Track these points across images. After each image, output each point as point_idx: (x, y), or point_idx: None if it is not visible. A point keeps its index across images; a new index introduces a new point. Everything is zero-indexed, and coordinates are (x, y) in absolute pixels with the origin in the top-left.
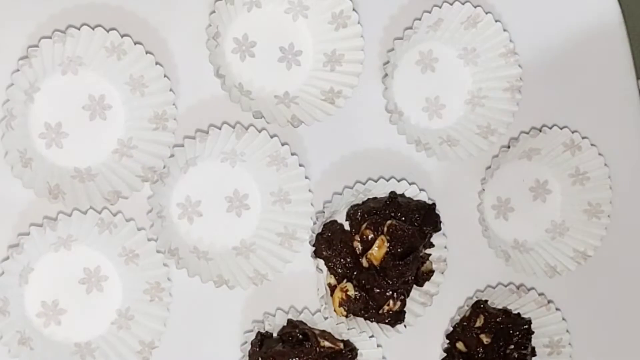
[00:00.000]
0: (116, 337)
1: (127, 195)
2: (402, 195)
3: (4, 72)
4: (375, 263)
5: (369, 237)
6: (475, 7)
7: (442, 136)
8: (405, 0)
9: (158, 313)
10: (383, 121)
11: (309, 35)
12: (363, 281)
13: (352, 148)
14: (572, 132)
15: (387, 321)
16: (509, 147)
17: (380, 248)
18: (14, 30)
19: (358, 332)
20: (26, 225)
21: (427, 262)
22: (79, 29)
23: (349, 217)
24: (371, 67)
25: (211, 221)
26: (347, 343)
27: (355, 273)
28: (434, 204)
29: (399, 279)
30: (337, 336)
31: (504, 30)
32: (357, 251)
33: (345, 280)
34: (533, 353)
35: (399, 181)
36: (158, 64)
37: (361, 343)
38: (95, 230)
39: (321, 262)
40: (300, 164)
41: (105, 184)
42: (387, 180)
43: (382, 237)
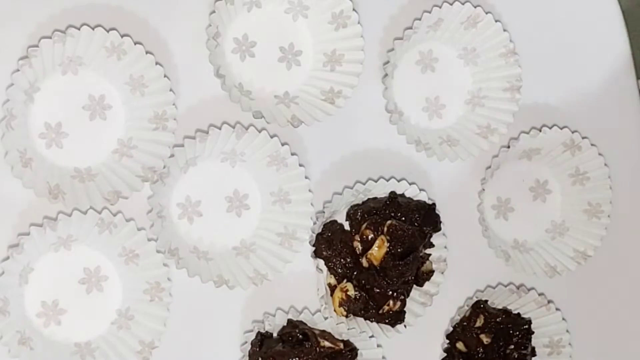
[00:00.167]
0: (116, 337)
1: (127, 195)
2: (402, 195)
3: (4, 72)
4: (375, 263)
5: (369, 237)
6: (475, 7)
7: (442, 136)
8: (405, 0)
9: (158, 313)
10: (383, 121)
11: (309, 35)
12: (363, 281)
13: (352, 148)
14: (572, 132)
15: (387, 321)
16: (509, 147)
17: (380, 248)
18: (14, 30)
19: (358, 332)
20: (26, 225)
21: (427, 262)
22: (79, 29)
23: (349, 217)
24: (371, 67)
25: (211, 221)
26: (347, 343)
27: (355, 273)
28: (434, 204)
29: (399, 279)
30: (337, 336)
31: (504, 30)
32: (357, 251)
33: (345, 280)
34: (533, 353)
35: (399, 181)
36: (158, 64)
37: (361, 343)
38: (95, 230)
39: (321, 262)
40: (300, 164)
41: (105, 184)
42: (387, 180)
43: (382, 237)
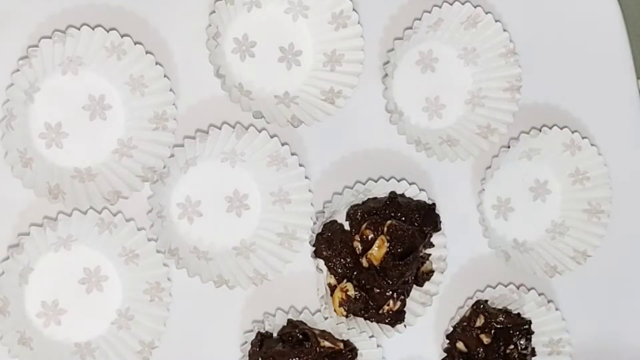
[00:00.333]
0: (116, 337)
1: (127, 195)
2: (402, 195)
3: (4, 72)
4: (375, 263)
5: (369, 237)
6: (475, 7)
7: (442, 136)
8: (405, 0)
9: (158, 313)
10: (383, 121)
11: (309, 35)
12: (363, 281)
13: (352, 148)
14: (572, 132)
15: (387, 321)
16: (509, 147)
17: (380, 248)
18: (14, 30)
19: (358, 332)
20: (26, 225)
21: (427, 262)
22: (79, 29)
23: (349, 217)
24: (371, 67)
25: (211, 221)
26: (347, 343)
27: (355, 273)
28: (434, 204)
29: (399, 279)
30: (337, 336)
31: (504, 30)
32: (357, 251)
33: (345, 280)
34: (533, 353)
35: (399, 181)
36: (158, 64)
37: (361, 343)
38: (95, 230)
39: (321, 262)
40: (300, 164)
41: (105, 184)
42: (387, 180)
43: (382, 237)
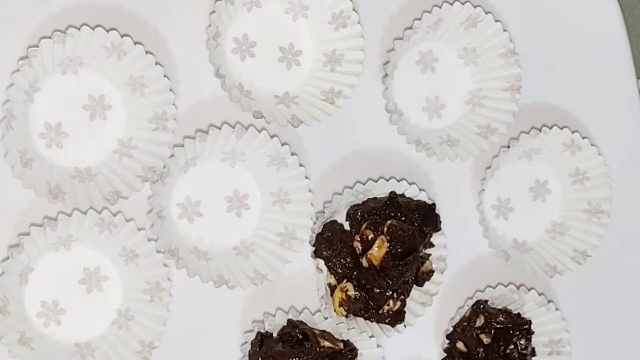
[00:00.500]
0: (116, 337)
1: (127, 195)
2: (402, 195)
3: (4, 72)
4: (375, 263)
5: (369, 237)
6: (475, 7)
7: (442, 136)
8: (405, 0)
9: (158, 313)
10: (383, 121)
11: (309, 35)
12: (363, 281)
13: (352, 148)
14: (572, 132)
15: (387, 321)
16: (509, 147)
17: (380, 248)
18: (14, 30)
19: (358, 332)
20: (26, 225)
21: (427, 262)
22: (79, 29)
23: (349, 217)
24: (371, 67)
25: (211, 221)
26: (347, 343)
27: (355, 273)
28: (434, 204)
29: (399, 279)
30: (337, 336)
31: (504, 30)
32: (357, 251)
33: (345, 280)
34: (533, 353)
35: (399, 181)
36: (158, 64)
37: (361, 343)
38: (95, 230)
39: (321, 262)
40: (300, 164)
41: (105, 184)
42: (387, 180)
43: (382, 237)
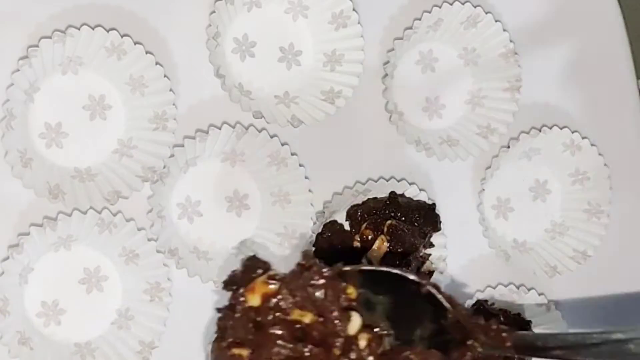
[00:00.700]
0: (116, 337)
1: (127, 195)
2: (402, 195)
3: (4, 72)
4: (375, 263)
5: (369, 237)
6: (475, 7)
7: (442, 136)
8: (405, 0)
9: (158, 313)
10: (383, 121)
11: (309, 35)
12: None
13: (352, 148)
14: (572, 132)
15: None
16: (509, 147)
17: (380, 248)
18: (14, 30)
19: None
20: (26, 225)
21: (427, 262)
22: (79, 29)
23: (349, 217)
24: (371, 67)
25: (211, 221)
26: None
27: None
28: (434, 204)
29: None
30: None
31: (504, 30)
32: (357, 251)
33: None
34: None
35: (399, 181)
36: (158, 64)
37: None
38: (95, 230)
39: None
40: (300, 164)
41: (105, 184)
42: (387, 180)
43: (382, 237)
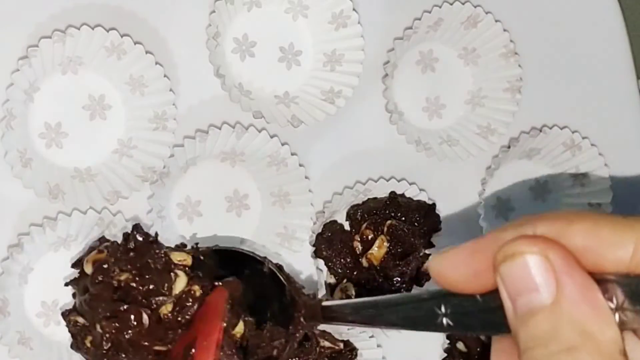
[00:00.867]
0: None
1: (127, 195)
2: (402, 195)
3: (4, 72)
4: (375, 263)
5: (369, 237)
6: (475, 7)
7: (442, 136)
8: (405, 0)
9: None
10: (383, 121)
11: (309, 35)
12: (363, 281)
13: (352, 148)
14: (572, 132)
15: None
16: (509, 147)
17: (380, 248)
18: (14, 30)
19: (358, 332)
20: (26, 225)
21: (427, 262)
22: (79, 29)
23: (349, 217)
24: (371, 67)
25: (211, 221)
26: (347, 343)
27: (355, 273)
28: (434, 204)
29: (399, 279)
30: (337, 336)
31: (504, 30)
32: (357, 251)
33: (345, 280)
34: None
35: (399, 181)
36: (158, 64)
37: (361, 343)
38: (95, 230)
39: (321, 262)
40: (300, 164)
41: (105, 184)
42: (387, 180)
43: (382, 237)
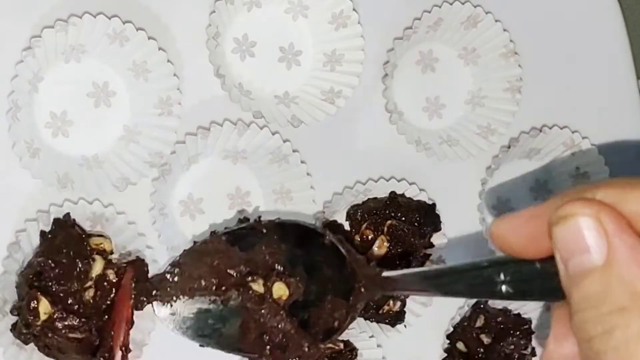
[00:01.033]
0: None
1: (136, 181)
2: (402, 195)
3: (8, 64)
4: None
5: (369, 237)
6: (475, 7)
7: (442, 136)
8: (405, 0)
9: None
10: (383, 121)
11: (309, 35)
12: None
13: (352, 148)
14: (572, 132)
15: (387, 321)
16: (509, 147)
17: (380, 248)
18: (17, 21)
19: (358, 332)
20: (33, 212)
21: (427, 262)
22: (81, 17)
23: (349, 217)
24: (371, 67)
25: (213, 218)
26: (347, 343)
27: None
28: (434, 204)
29: None
30: None
31: (504, 30)
32: (357, 251)
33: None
34: (533, 353)
35: (399, 181)
36: (161, 49)
37: (361, 343)
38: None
39: None
40: (302, 161)
41: (113, 171)
42: (387, 180)
43: (382, 237)
